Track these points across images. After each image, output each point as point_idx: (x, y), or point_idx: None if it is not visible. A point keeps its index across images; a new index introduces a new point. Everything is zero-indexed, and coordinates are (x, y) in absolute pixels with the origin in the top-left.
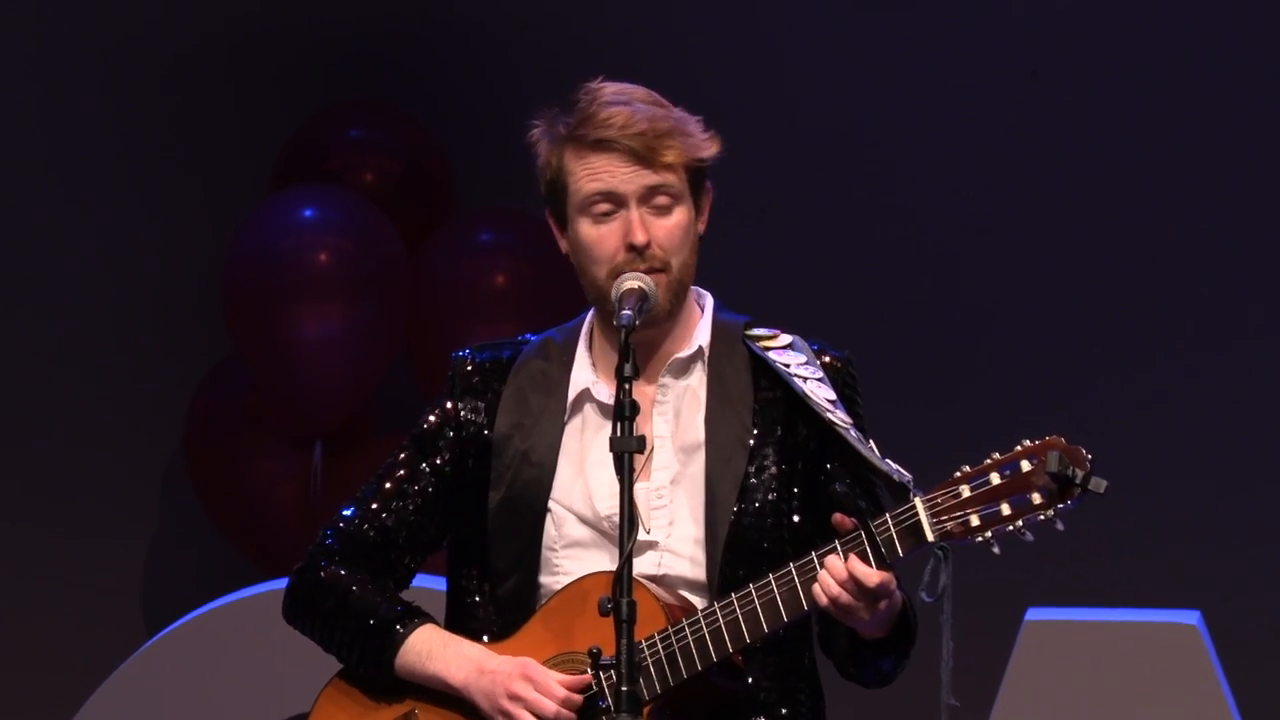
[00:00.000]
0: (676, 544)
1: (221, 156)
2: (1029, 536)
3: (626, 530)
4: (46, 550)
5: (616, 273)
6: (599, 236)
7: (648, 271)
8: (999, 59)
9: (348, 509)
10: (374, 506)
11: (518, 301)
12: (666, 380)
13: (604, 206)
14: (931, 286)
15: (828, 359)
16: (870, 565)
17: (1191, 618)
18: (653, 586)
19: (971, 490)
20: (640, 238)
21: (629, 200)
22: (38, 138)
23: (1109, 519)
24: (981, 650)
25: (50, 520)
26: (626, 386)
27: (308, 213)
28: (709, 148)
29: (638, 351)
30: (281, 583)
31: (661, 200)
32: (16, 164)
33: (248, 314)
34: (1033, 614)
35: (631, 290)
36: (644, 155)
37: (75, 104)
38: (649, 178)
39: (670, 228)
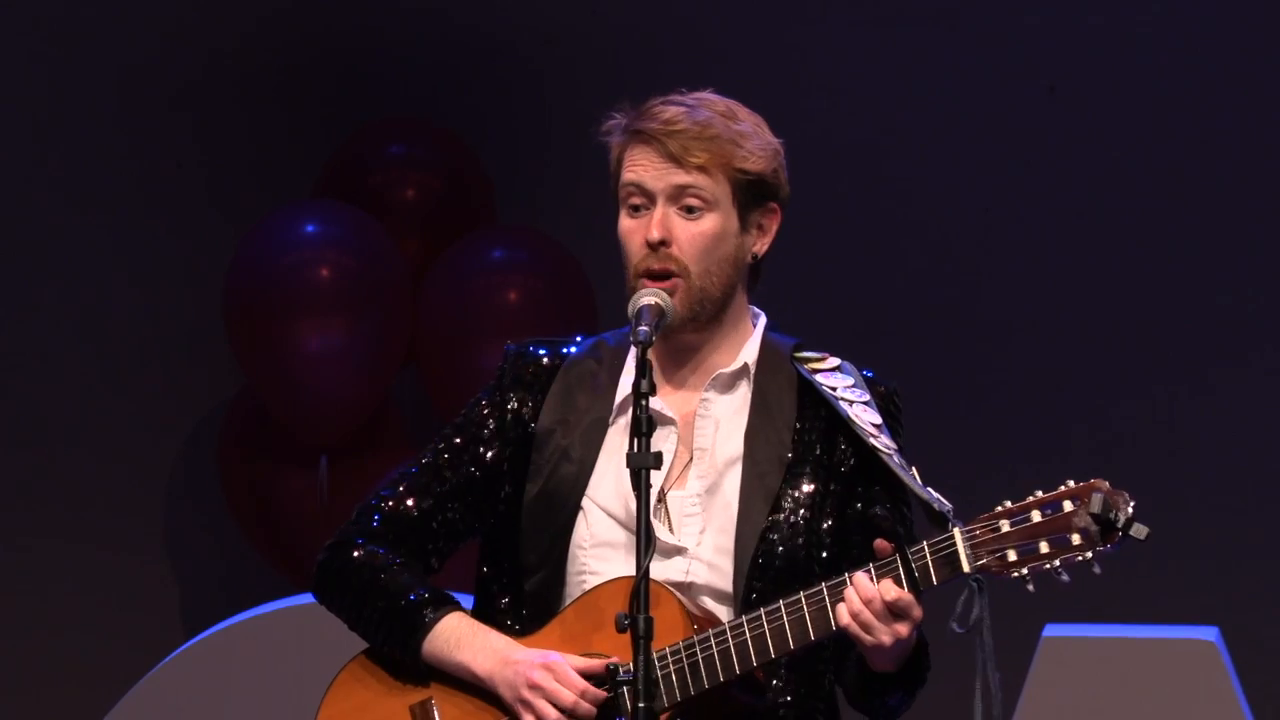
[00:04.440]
0: (705, 553)
1: (261, 176)
2: (1065, 577)
3: (644, 546)
4: (81, 562)
5: (638, 271)
6: (629, 230)
7: (661, 272)
8: (1016, 74)
9: (385, 489)
10: (411, 488)
11: (531, 317)
12: (710, 394)
13: (637, 199)
14: (951, 300)
15: (874, 387)
16: (902, 588)
17: (1210, 634)
18: (678, 594)
19: (1011, 525)
20: (654, 234)
21: (657, 197)
22: (72, 160)
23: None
24: (999, 667)
25: (84, 534)
26: (644, 403)
27: (309, 228)
28: (751, 161)
29: (683, 358)
30: (311, 597)
31: (691, 202)
32: (54, 185)
33: (250, 329)
34: (1050, 630)
35: (648, 306)
36: (675, 154)
37: (108, 127)
38: (679, 176)
39: (695, 233)
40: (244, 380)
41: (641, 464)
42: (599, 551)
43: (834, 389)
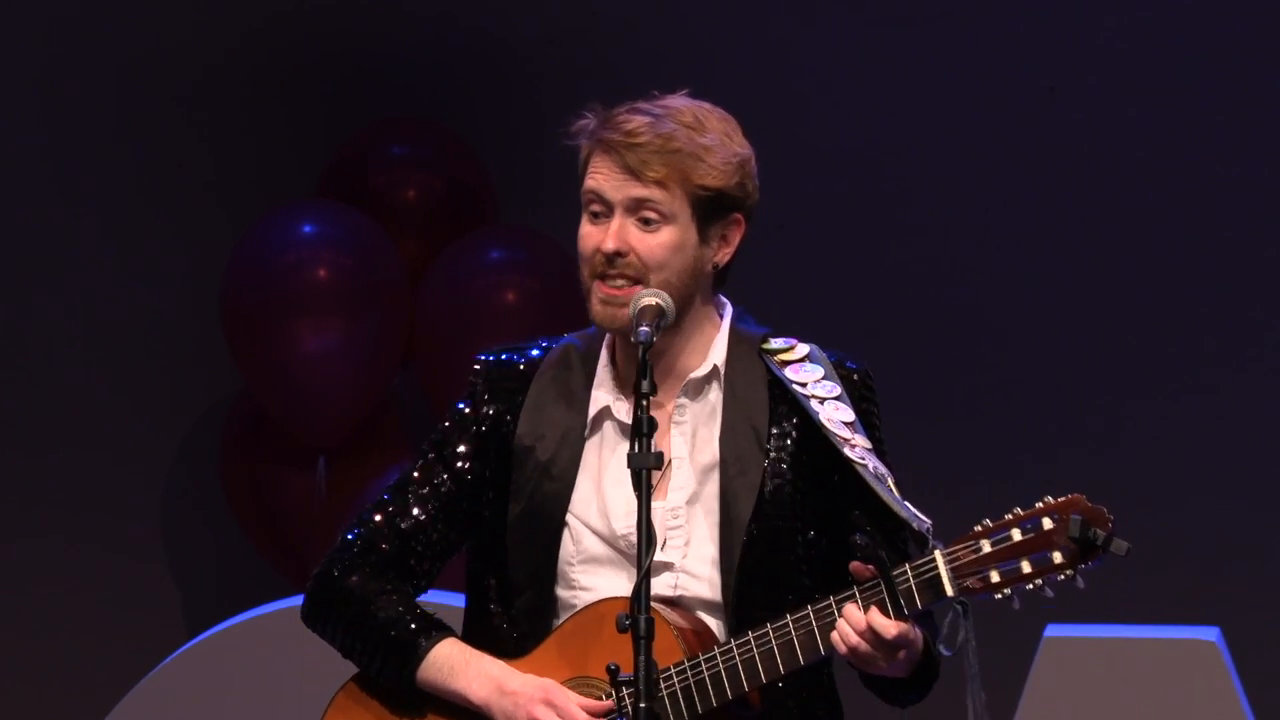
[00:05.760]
0: (693, 565)
1: (261, 176)
2: (1049, 594)
3: (645, 546)
4: (81, 562)
5: (593, 274)
6: (585, 235)
7: (618, 278)
8: (1017, 75)
9: (369, 513)
10: (393, 510)
11: (529, 317)
12: (684, 400)
13: (596, 207)
14: (950, 302)
15: (845, 370)
16: (889, 616)
17: (1211, 634)
18: (668, 613)
19: (992, 545)
20: (608, 245)
21: (615, 207)
22: (72, 160)
23: (1128, 535)
24: (1000, 667)
25: (84, 534)
26: (645, 403)
27: (307, 228)
28: (711, 176)
29: (652, 366)
30: None
31: (648, 214)
32: (54, 184)
33: (247, 330)
34: (1051, 630)
35: (649, 307)
36: (633, 166)
37: (108, 127)
38: (636, 189)
39: (652, 245)
40: (243, 381)
41: (642, 464)
42: (586, 568)
43: (804, 385)
